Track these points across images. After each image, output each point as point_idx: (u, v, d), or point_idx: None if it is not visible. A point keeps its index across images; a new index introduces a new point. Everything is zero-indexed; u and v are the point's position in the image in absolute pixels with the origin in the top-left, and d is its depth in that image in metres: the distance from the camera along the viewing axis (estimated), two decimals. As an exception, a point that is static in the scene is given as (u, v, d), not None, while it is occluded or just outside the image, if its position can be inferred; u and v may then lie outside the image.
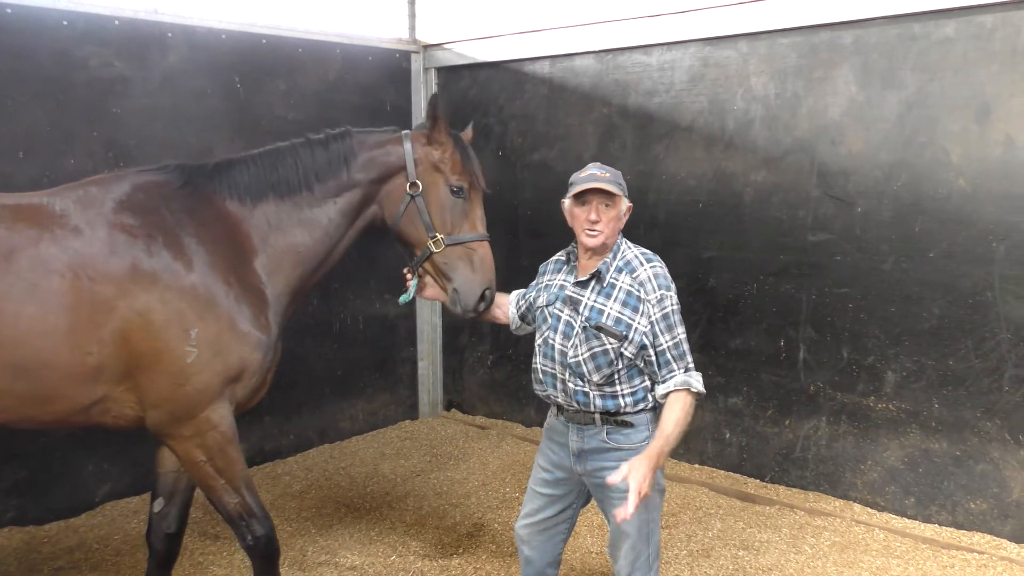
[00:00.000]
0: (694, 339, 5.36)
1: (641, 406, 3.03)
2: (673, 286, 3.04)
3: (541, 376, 3.19)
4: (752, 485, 5.19)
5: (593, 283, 3.06)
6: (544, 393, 3.20)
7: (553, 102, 5.93)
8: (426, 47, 6.51)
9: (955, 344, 4.49)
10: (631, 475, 2.72)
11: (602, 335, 2.97)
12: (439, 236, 3.35)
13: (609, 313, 2.98)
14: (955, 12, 4.33)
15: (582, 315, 3.03)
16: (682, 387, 2.94)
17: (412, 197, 3.37)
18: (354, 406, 6.42)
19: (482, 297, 3.37)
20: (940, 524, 4.58)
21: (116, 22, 4.87)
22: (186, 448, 3.15)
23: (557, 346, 3.09)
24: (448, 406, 6.97)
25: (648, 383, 3.05)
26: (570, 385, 3.06)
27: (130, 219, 3.08)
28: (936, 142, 4.46)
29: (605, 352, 2.98)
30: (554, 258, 3.32)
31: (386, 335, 6.53)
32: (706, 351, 5.38)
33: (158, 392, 3.04)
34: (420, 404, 6.89)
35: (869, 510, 4.79)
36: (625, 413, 3.02)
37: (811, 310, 4.94)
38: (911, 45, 4.48)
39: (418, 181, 3.36)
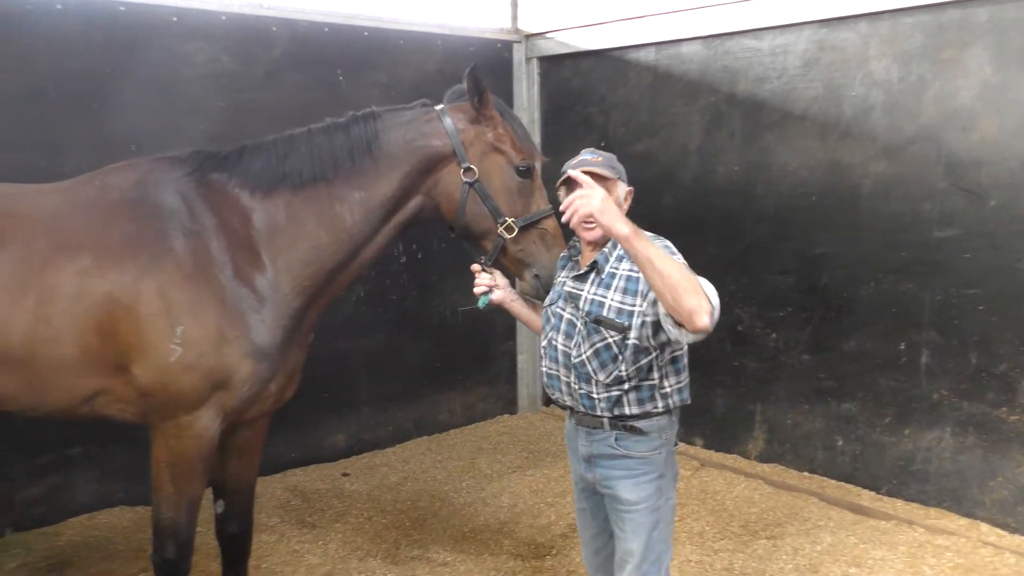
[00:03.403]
0: (803, 339, 5.10)
1: (648, 407, 2.78)
2: (679, 256, 2.67)
3: (547, 379, 2.98)
4: (866, 497, 4.85)
5: (592, 275, 2.83)
6: (554, 396, 3.00)
7: (657, 90, 5.71)
8: (528, 36, 6.40)
9: (1102, 352, 4.06)
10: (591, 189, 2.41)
11: (602, 328, 2.73)
12: (509, 220, 3.06)
13: (610, 305, 2.73)
14: (1109, -17, 3.90)
15: (582, 310, 2.80)
16: None
17: (470, 185, 3.06)
18: (452, 399, 6.40)
19: None
20: (1080, 549, 4.17)
21: (223, 17, 4.97)
22: (158, 444, 3.01)
23: (560, 347, 2.87)
24: (547, 401, 6.86)
25: (656, 379, 2.77)
26: (575, 387, 2.85)
27: (132, 209, 2.95)
28: (1083, 128, 4.04)
29: (608, 347, 2.73)
30: (562, 254, 3.10)
31: (484, 328, 6.47)
32: (817, 352, 5.07)
33: (143, 387, 2.91)
34: (519, 399, 6.82)
35: (998, 531, 4.38)
36: (633, 416, 2.79)
37: (935, 311, 4.57)
38: (1056, 21, 4.07)
39: (473, 167, 3.06)
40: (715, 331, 2.83)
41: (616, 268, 2.78)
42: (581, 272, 2.87)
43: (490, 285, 3.14)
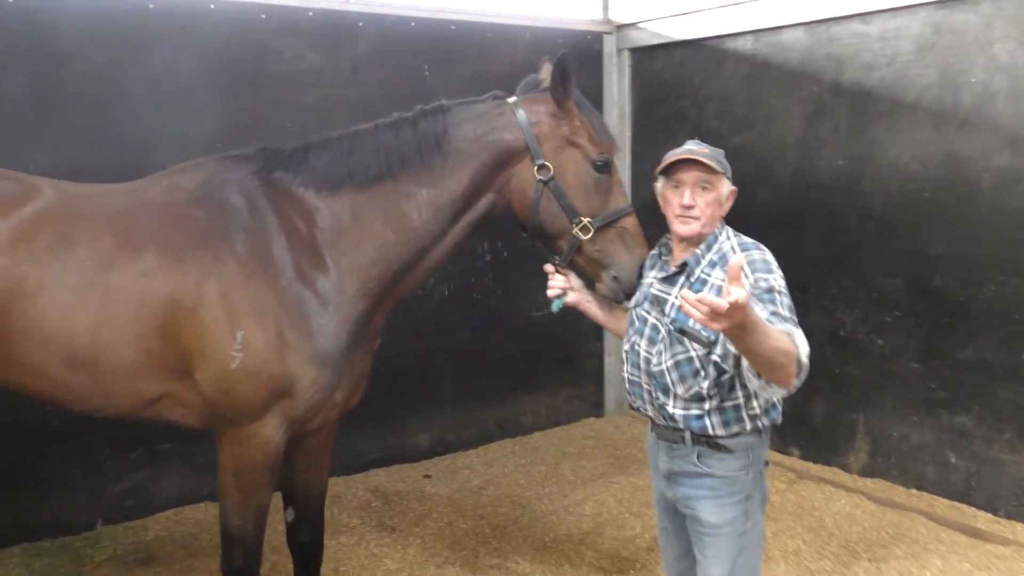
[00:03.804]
0: (914, 346, 4.74)
1: (736, 428, 2.57)
2: (777, 272, 2.52)
3: (629, 386, 2.80)
4: (982, 519, 4.46)
5: (681, 278, 2.63)
6: (635, 404, 2.81)
7: (755, 81, 5.42)
8: (619, 27, 6.18)
9: None
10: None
11: (686, 340, 2.53)
12: (585, 220, 2.87)
13: None
14: None
15: (668, 316, 2.60)
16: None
17: (544, 182, 2.87)
18: (536, 401, 6.25)
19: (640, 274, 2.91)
20: None
21: (310, 13, 4.95)
22: (223, 451, 2.92)
23: (643, 353, 2.68)
24: (635, 405, 6.64)
25: (741, 399, 2.56)
26: (656, 397, 2.66)
27: (196, 210, 2.87)
28: None
29: (690, 360, 2.53)
30: (652, 251, 2.91)
31: (570, 328, 6.28)
32: (928, 360, 4.70)
33: (205, 394, 2.83)
34: (606, 401, 6.62)
35: None
36: (717, 436, 2.58)
37: (1065, 319, 4.17)
38: None
39: (548, 163, 2.87)
40: (814, 334, 2.63)
41: (708, 275, 2.58)
42: (670, 273, 2.68)
43: (564, 287, 2.99)
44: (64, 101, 4.30)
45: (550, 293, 3.00)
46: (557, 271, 3.01)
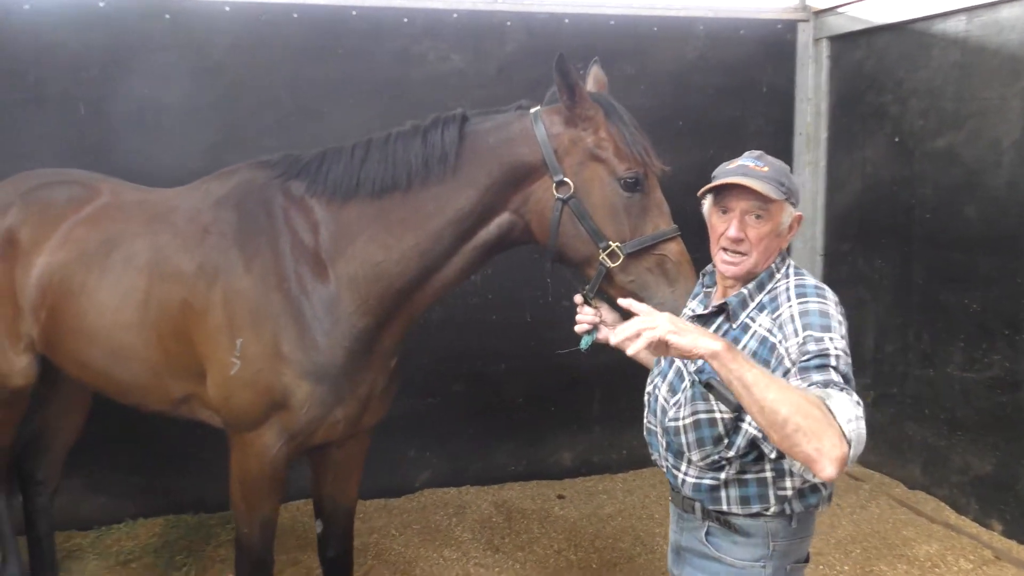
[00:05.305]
0: None
1: (756, 508, 2.05)
2: (838, 331, 1.92)
3: (647, 435, 2.34)
4: None
5: (720, 320, 2.13)
6: (652, 457, 2.35)
7: (966, 70, 4.45)
8: (817, 13, 5.42)
9: None
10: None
11: (711, 397, 2.02)
12: (613, 245, 2.50)
13: None
14: None
15: (695, 363, 2.10)
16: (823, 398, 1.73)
17: (563, 201, 2.53)
18: (701, 427, 5.69)
19: None
20: None
21: (454, 15, 4.87)
22: (231, 458, 2.94)
23: (660, 400, 2.22)
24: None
25: (769, 474, 2.03)
26: (665, 455, 2.21)
27: (217, 216, 2.89)
28: None
29: (712, 423, 2.05)
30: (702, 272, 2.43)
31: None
32: None
33: (210, 397, 2.86)
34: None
35: None
36: (731, 513, 2.07)
37: None
38: None
39: (568, 180, 2.52)
40: None
41: (752, 320, 2.10)
42: (706, 312, 2.22)
43: (594, 322, 2.58)
44: (216, 110, 4.59)
45: (578, 328, 2.62)
46: (586, 303, 2.63)
